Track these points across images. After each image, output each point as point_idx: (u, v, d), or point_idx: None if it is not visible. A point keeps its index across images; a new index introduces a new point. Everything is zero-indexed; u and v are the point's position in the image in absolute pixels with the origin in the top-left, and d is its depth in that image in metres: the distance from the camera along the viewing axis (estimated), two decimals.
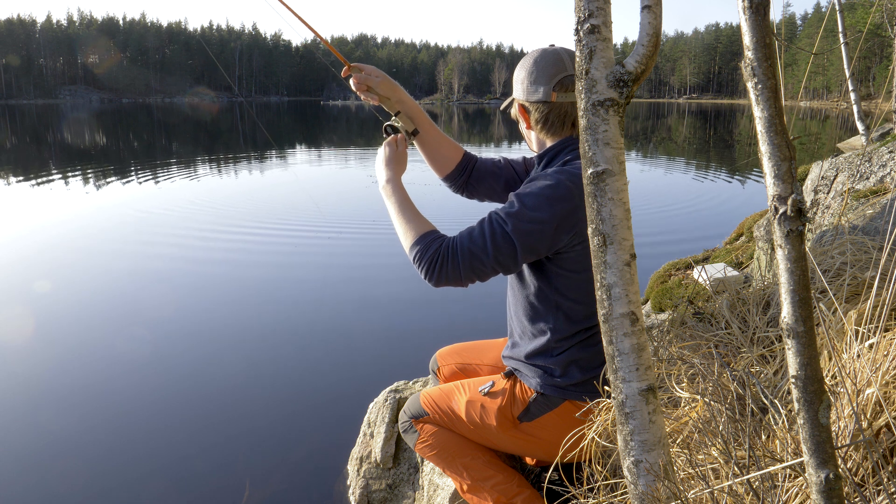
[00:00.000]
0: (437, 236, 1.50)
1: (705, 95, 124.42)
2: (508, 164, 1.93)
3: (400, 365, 4.07)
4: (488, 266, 1.44)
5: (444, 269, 1.44)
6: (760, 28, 0.74)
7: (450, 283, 1.46)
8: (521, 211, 1.42)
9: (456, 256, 1.44)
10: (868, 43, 42.48)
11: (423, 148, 1.89)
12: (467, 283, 1.46)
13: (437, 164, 1.92)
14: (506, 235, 1.41)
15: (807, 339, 0.76)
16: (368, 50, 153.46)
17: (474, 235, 1.44)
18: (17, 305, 5.29)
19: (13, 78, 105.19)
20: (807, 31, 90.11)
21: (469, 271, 1.44)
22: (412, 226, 1.53)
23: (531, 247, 1.43)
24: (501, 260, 1.43)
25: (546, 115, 1.54)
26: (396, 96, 1.78)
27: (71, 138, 26.97)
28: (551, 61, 1.51)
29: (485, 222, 1.45)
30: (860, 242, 1.78)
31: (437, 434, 1.75)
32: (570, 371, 1.57)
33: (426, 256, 1.46)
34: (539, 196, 1.42)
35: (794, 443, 1.08)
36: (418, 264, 1.48)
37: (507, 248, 1.42)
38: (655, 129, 34.82)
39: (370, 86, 1.75)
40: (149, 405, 3.65)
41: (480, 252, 1.42)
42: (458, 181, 1.92)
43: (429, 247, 1.47)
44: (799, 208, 0.73)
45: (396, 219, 1.58)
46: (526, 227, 1.41)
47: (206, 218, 9.05)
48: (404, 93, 1.80)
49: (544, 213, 1.41)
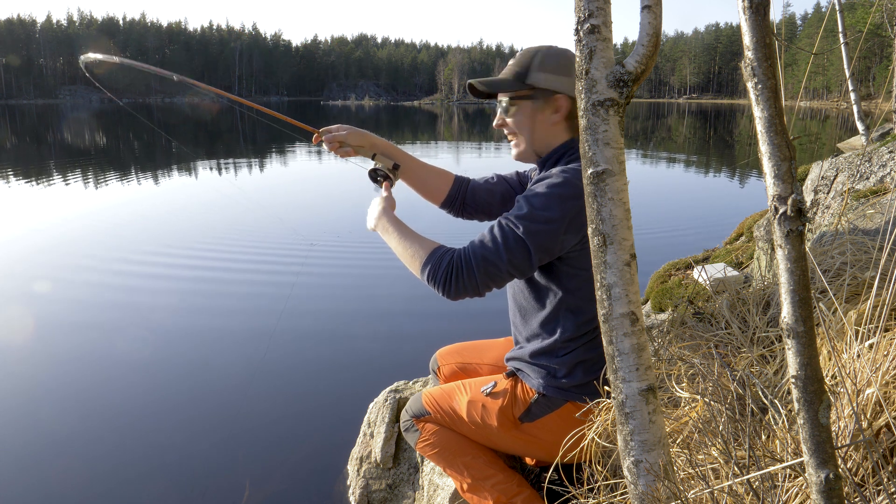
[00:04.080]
0: (447, 250, 1.49)
1: (705, 95, 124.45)
2: (502, 179, 1.93)
3: (400, 365, 4.07)
4: (504, 271, 1.42)
5: (459, 281, 1.43)
6: (760, 28, 0.74)
7: (467, 293, 1.44)
8: (531, 212, 1.41)
9: (470, 265, 1.42)
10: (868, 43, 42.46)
11: (410, 181, 1.92)
12: (484, 291, 1.44)
13: (428, 193, 1.94)
14: (518, 238, 1.40)
15: (807, 339, 0.76)
16: (368, 50, 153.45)
17: (486, 242, 1.43)
18: (17, 306, 5.29)
19: (13, 78, 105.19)
20: (807, 31, 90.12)
21: (485, 278, 1.42)
22: (417, 248, 1.52)
23: (544, 247, 1.42)
24: (516, 263, 1.42)
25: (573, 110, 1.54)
26: (368, 142, 1.84)
27: (71, 138, 26.97)
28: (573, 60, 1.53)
29: (495, 228, 1.44)
30: (860, 242, 1.78)
31: (439, 433, 1.76)
32: (575, 372, 1.57)
33: (440, 271, 1.44)
34: (548, 195, 1.41)
35: (794, 443, 1.08)
36: (433, 282, 1.46)
37: (521, 251, 1.40)
38: (655, 129, 34.82)
39: (341, 141, 1.81)
40: (149, 405, 3.65)
41: (494, 258, 1.41)
42: (455, 205, 1.94)
43: (440, 261, 1.46)
44: (799, 208, 0.73)
45: (399, 247, 1.57)
46: (537, 228, 1.40)
47: (207, 217, 9.06)
48: (374, 136, 1.86)
49: (554, 213, 1.40)
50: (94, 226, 8.42)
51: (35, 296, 5.51)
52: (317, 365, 4.23)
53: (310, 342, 4.59)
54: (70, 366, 4.16)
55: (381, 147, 1.86)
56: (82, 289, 5.73)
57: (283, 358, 4.29)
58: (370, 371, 4.08)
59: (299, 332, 4.76)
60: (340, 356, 4.35)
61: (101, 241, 7.52)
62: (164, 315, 5.08)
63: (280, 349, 4.42)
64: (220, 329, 4.82)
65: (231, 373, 4.06)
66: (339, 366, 4.20)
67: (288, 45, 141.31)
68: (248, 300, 5.49)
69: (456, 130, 33.71)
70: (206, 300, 5.49)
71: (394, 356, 4.35)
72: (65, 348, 4.44)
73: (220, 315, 5.13)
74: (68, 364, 4.19)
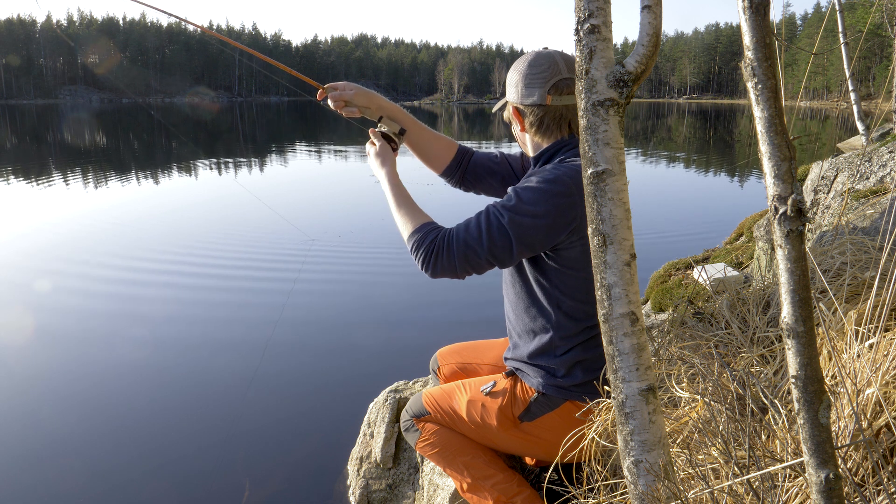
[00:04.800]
0: (434, 227, 1.52)
1: (705, 95, 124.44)
2: (505, 160, 1.93)
3: (400, 365, 4.07)
4: (483, 258, 1.44)
5: (439, 260, 1.45)
6: (760, 28, 0.74)
7: (445, 273, 1.47)
8: (518, 204, 1.42)
9: (451, 247, 1.45)
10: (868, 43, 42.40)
11: (413, 147, 1.90)
12: (463, 274, 1.46)
13: (430, 161, 1.93)
14: (502, 228, 1.41)
15: (807, 339, 0.76)
16: (368, 50, 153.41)
17: (471, 227, 1.45)
18: (17, 306, 5.29)
19: (13, 78, 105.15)
20: (807, 31, 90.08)
21: (464, 262, 1.44)
22: (410, 218, 1.56)
23: (527, 241, 1.43)
24: (496, 253, 1.43)
25: (541, 118, 1.54)
26: (375, 103, 1.81)
27: (71, 138, 26.96)
28: (546, 64, 1.51)
29: (482, 215, 1.45)
30: (860, 242, 1.78)
31: (439, 433, 1.76)
32: (574, 372, 1.57)
33: (423, 246, 1.48)
34: (537, 190, 1.42)
35: (794, 443, 1.08)
36: (415, 254, 1.50)
37: (503, 241, 1.42)
38: (655, 129, 34.82)
39: (347, 100, 1.78)
40: (149, 405, 3.65)
41: (476, 244, 1.43)
42: (455, 176, 1.94)
43: (425, 237, 1.49)
44: (799, 208, 0.73)
45: (395, 211, 1.61)
46: (522, 221, 1.41)
47: (208, 216, 9.06)
48: (382, 98, 1.83)
49: (541, 208, 1.41)
50: (94, 225, 8.42)
51: (35, 296, 5.51)
52: (317, 365, 4.23)
53: (310, 342, 4.59)
54: (70, 365, 4.16)
55: (388, 110, 1.83)
56: (83, 288, 5.73)
57: (283, 358, 4.29)
58: (370, 371, 4.08)
59: (300, 331, 4.76)
60: (340, 356, 4.35)
61: (101, 239, 7.52)
62: (165, 314, 5.08)
63: (280, 349, 4.42)
64: (220, 328, 4.82)
65: (231, 372, 4.06)
66: (339, 366, 4.20)
67: (288, 45, 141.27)
68: (248, 300, 5.49)
69: (456, 130, 33.72)
70: (206, 299, 5.49)
71: (394, 356, 4.35)
72: (65, 348, 4.44)
73: (220, 314, 5.13)
74: (68, 363, 4.19)
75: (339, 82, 1.78)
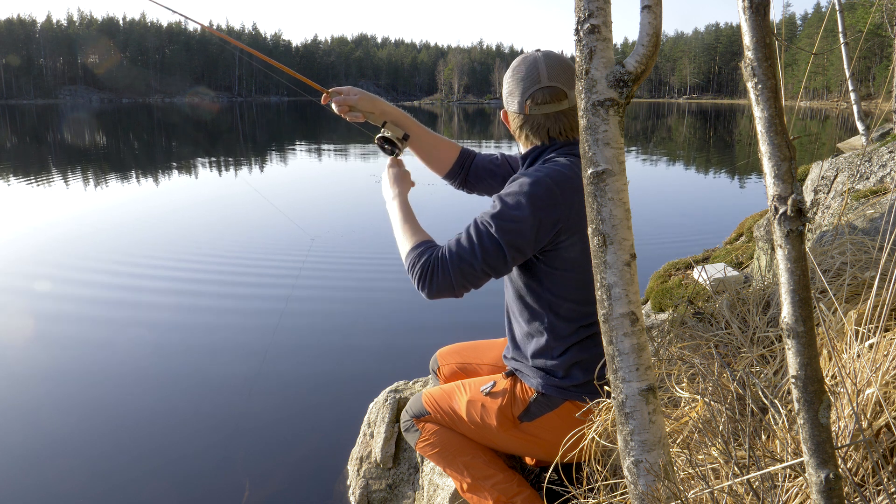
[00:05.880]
0: (430, 245, 1.52)
1: (705, 95, 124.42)
2: (506, 161, 1.94)
3: (400, 365, 4.07)
4: (479, 270, 1.43)
5: (434, 279, 1.45)
6: (760, 28, 0.74)
7: (442, 291, 1.46)
8: (503, 210, 1.43)
9: (446, 265, 1.44)
10: (868, 43, 42.40)
11: (417, 151, 1.92)
12: (461, 291, 1.45)
13: (433, 164, 1.95)
14: (491, 237, 1.42)
15: (807, 339, 0.76)
16: (368, 50, 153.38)
17: (462, 241, 1.45)
18: (17, 306, 5.29)
19: (13, 78, 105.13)
20: (807, 31, 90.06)
21: (460, 278, 1.44)
22: (409, 237, 1.56)
23: (516, 245, 1.43)
24: (491, 262, 1.43)
25: (521, 125, 1.58)
26: (379, 108, 1.82)
27: (70, 138, 26.96)
28: (526, 74, 1.53)
29: (471, 227, 1.46)
30: (860, 242, 1.78)
31: (439, 433, 1.76)
32: (573, 372, 1.57)
33: (418, 265, 1.47)
34: (518, 194, 1.43)
35: (794, 443, 1.08)
36: (411, 273, 1.50)
37: (495, 250, 1.42)
38: (655, 129, 34.82)
39: (351, 105, 1.79)
40: (149, 405, 3.65)
41: (469, 256, 1.42)
42: (458, 178, 1.96)
43: (420, 256, 1.49)
44: (799, 208, 0.73)
45: (397, 232, 1.61)
46: (508, 226, 1.41)
47: (208, 216, 9.06)
48: (385, 103, 1.84)
49: (524, 211, 1.41)
50: (94, 225, 8.42)
51: (35, 296, 5.51)
52: (317, 365, 4.23)
53: (310, 342, 4.59)
54: (70, 365, 4.16)
55: (391, 115, 1.84)
56: (83, 288, 5.73)
57: (283, 358, 4.29)
58: (370, 371, 4.08)
59: (300, 331, 4.76)
60: (340, 356, 4.35)
61: (101, 239, 7.52)
62: (164, 314, 5.08)
63: (280, 349, 4.42)
64: (220, 328, 4.82)
65: (231, 372, 4.06)
66: (339, 366, 4.20)
67: (288, 46, 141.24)
68: (248, 299, 5.49)
69: (456, 130, 33.72)
70: (206, 298, 5.49)
71: (394, 356, 4.35)
72: (65, 348, 4.44)
73: (221, 314, 5.13)
74: (68, 363, 4.19)
75: (343, 87, 1.79)
